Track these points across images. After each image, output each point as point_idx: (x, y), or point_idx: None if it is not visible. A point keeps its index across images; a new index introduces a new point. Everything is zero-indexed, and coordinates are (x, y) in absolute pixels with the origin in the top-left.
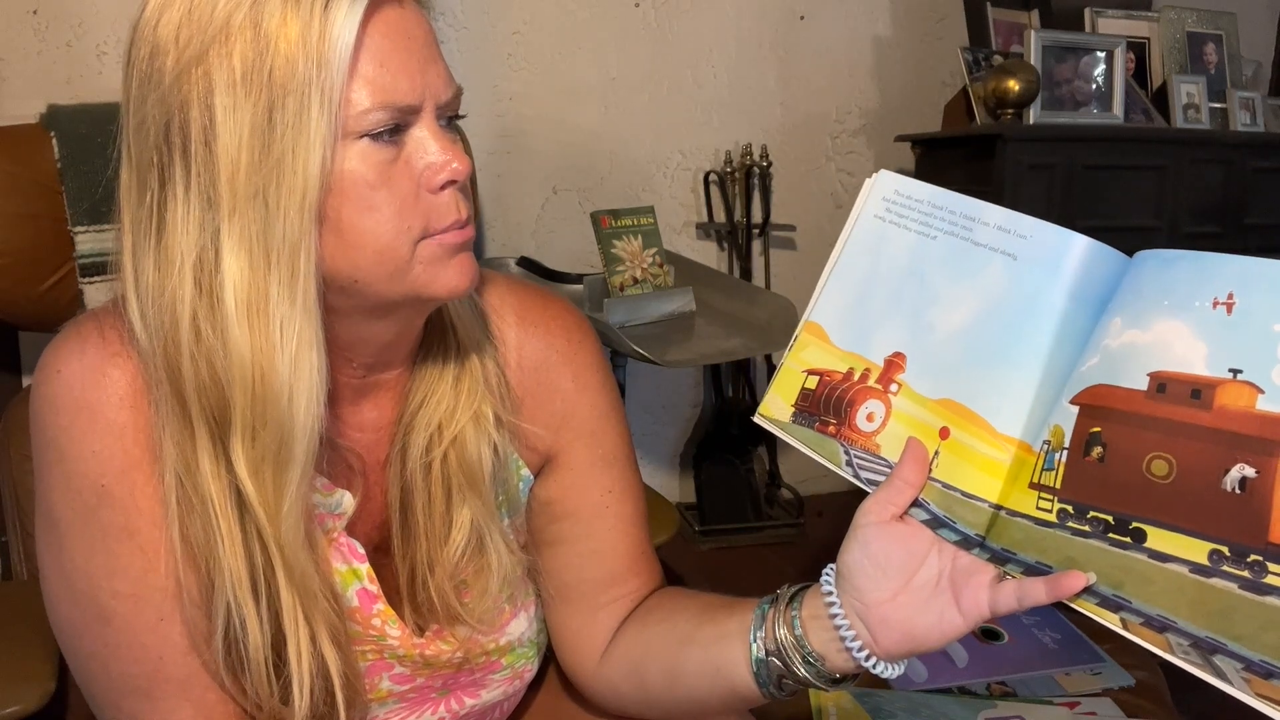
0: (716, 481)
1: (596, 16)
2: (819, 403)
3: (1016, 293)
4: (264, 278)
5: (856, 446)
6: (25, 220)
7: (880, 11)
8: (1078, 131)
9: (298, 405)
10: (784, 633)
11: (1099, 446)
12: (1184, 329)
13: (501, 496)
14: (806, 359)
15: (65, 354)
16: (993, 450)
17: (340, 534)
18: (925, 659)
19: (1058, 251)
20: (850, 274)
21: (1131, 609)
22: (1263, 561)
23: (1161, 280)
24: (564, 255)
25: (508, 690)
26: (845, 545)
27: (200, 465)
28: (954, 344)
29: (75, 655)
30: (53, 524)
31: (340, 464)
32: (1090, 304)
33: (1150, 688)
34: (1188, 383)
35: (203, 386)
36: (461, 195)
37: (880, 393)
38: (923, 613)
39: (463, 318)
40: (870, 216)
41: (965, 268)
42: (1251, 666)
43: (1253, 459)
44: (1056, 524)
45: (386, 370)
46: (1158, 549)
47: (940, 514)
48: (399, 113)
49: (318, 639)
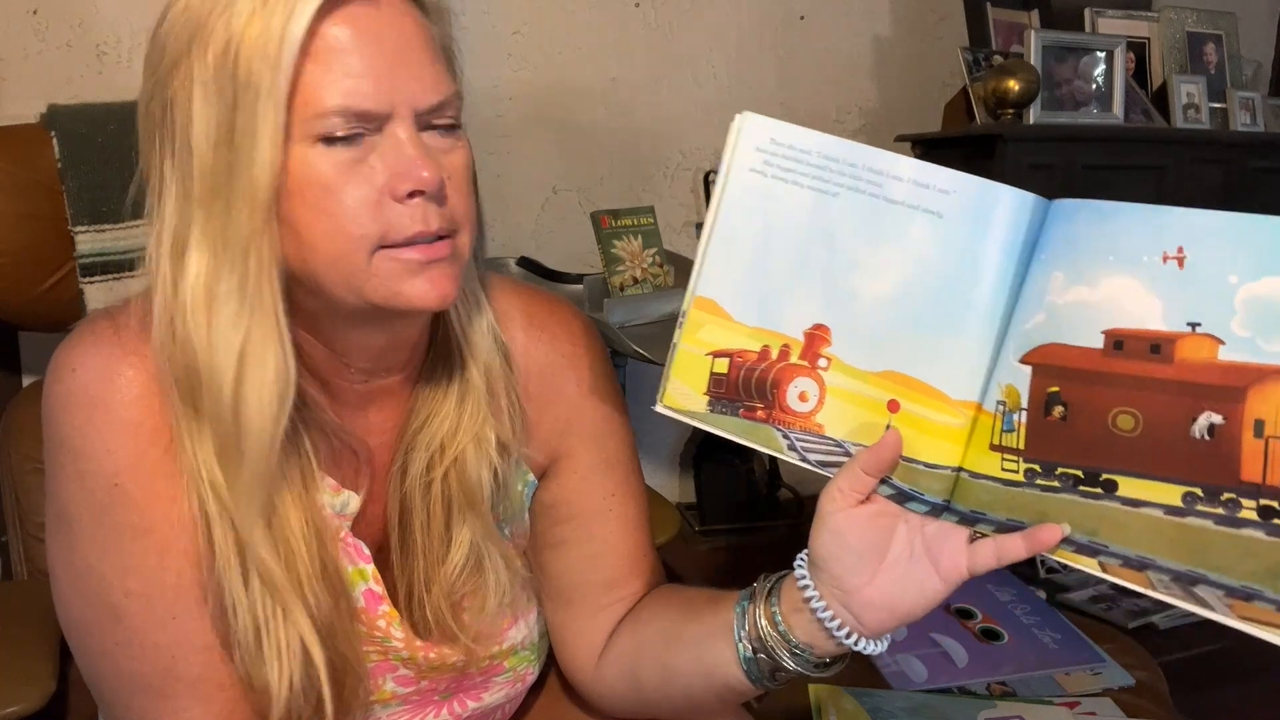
0: (716, 481)
1: (596, 16)
2: (737, 387)
3: (948, 252)
4: (217, 273)
5: (795, 429)
6: (25, 220)
7: (880, 11)
8: (1078, 131)
9: (246, 403)
10: (767, 628)
11: (1060, 406)
12: (1135, 284)
13: (503, 505)
14: (707, 339)
15: (80, 352)
16: (948, 418)
17: (346, 534)
18: (925, 659)
19: (984, 204)
20: (735, 239)
21: (1109, 552)
22: (1236, 499)
23: (1102, 234)
24: (564, 255)
25: (509, 693)
26: (815, 536)
27: (196, 453)
28: (885, 312)
29: (85, 654)
30: (64, 522)
31: (347, 466)
32: (1017, 253)
33: (1150, 688)
34: (1146, 338)
35: (179, 377)
36: (433, 206)
37: (808, 369)
38: (904, 587)
39: (471, 334)
40: (745, 170)
41: (883, 229)
42: (1233, 592)
43: (1219, 406)
44: (1025, 483)
45: (388, 376)
46: (1130, 496)
47: (905, 488)
48: (356, 117)
49: (295, 629)
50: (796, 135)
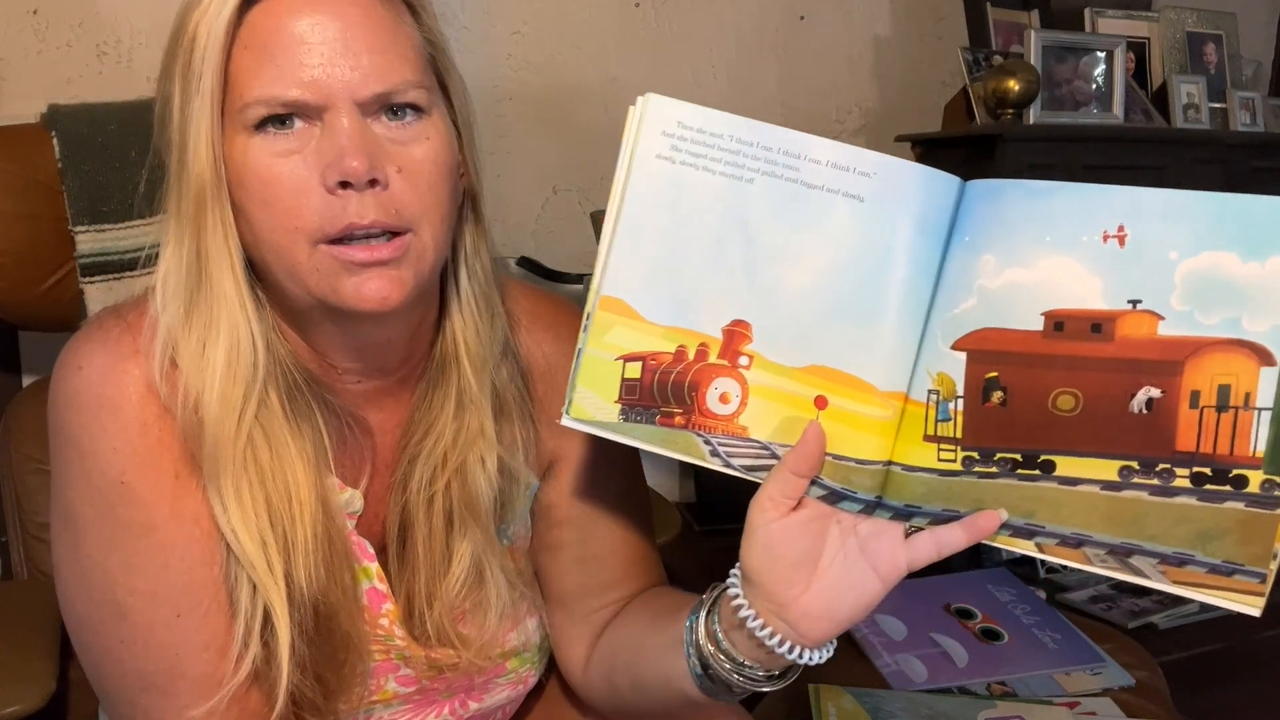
0: (716, 481)
1: (596, 16)
2: (652, 392)
3: (870, 238)
4: (178, 264)
5: (718, 433)
6: (25, 220)
7: (880, 11)
8: (1078, 131)
9: (206, 400)
10: (710, 647)
11: (999, 391)
12: (1074, 264)
13: (506, 508)
14: (615, 343)
15: (87, 350)
16: (878, 410)
17: (351, 532)
18: (925, 659)
19: (904, 186)
20: (642, 232)
21: (1045, 533)
22: (1170, 468)
23: (1037, 215)
24: (564, 255)
25: (511, 694)
26: (746, 549)
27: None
28: (808, 303)
29: (90, 651)
30: (70, 520)
31: (351, 464)
32: (936, 234)
33: (1150, 688)
34: (1086, 318)
35: (166, 370)
36: (369, 198)
37: (728, 369)
38: (841, 592)
39: (474, 342)
40: (651, 158)
41: (802, 215)
42: (1166, 560)
43: (1158, 380)
44: (962, 471)
45: (381, 378)
46: (1067, 475)
47: (837, 487)
48: (285, 106)
49: (266, 614)
50: (706, 118)
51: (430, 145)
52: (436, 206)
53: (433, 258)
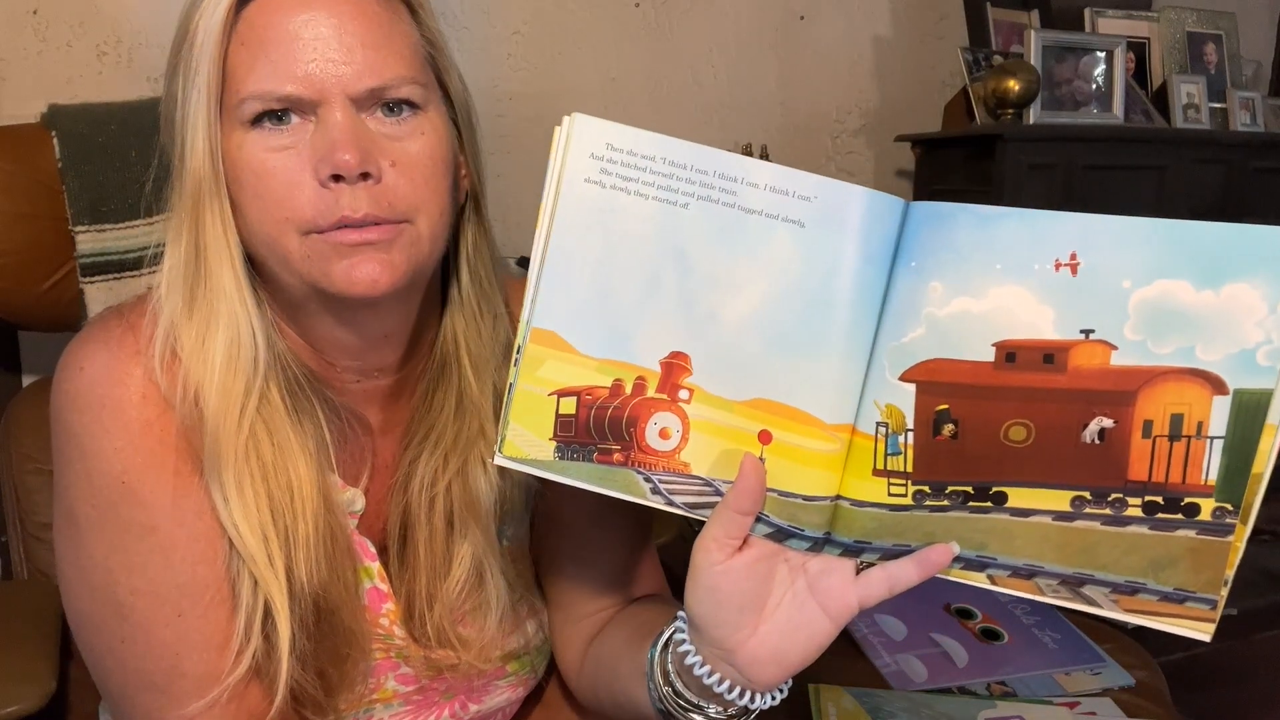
0: None
1: (596, 16)
2: (588, 428)
3: (813, 265)
4: (176, 258)
5: (658, 470)
6: (25, 220)
7: (880, 11)
8: (1078, 131)
9: (206, 392)
10: (666, 689)
11: (950, 424)
12: (1025, 294)
13: (507, 509)
14: (548, 377)
15: (89, 350)
16: (825, 444)
17: (353, 531)
18: (925, 659)
19: (845, 210)
20: (572, 260)
21: (997, 565)
22: (1123, 498)
23: (986, 242)
24: None
25: (511, 696)
26: (690, 594)
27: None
28: (749, 334)
29: (91, 650)
30: (72, 520)
31: (352, 464)
32: (880, 260)
33: (1150, 688)
34: (1038, 349)
35: (168, 365)
36: (362, 191)
37: (668, 403)
38: (789, 635)
39: (473, 343)
40: (579, 182)
41: (741, 241)
42: (1118, 589)
43: (1110, 410)
44: (913, 505)
45: (380, 377)
46: (1019, 506)
47: (784, 524)
48: (279, 102)
49: (267, 608)
50: (636, 139)
51: (426, 141)
52: (433, 199)
53: (428, 247)
